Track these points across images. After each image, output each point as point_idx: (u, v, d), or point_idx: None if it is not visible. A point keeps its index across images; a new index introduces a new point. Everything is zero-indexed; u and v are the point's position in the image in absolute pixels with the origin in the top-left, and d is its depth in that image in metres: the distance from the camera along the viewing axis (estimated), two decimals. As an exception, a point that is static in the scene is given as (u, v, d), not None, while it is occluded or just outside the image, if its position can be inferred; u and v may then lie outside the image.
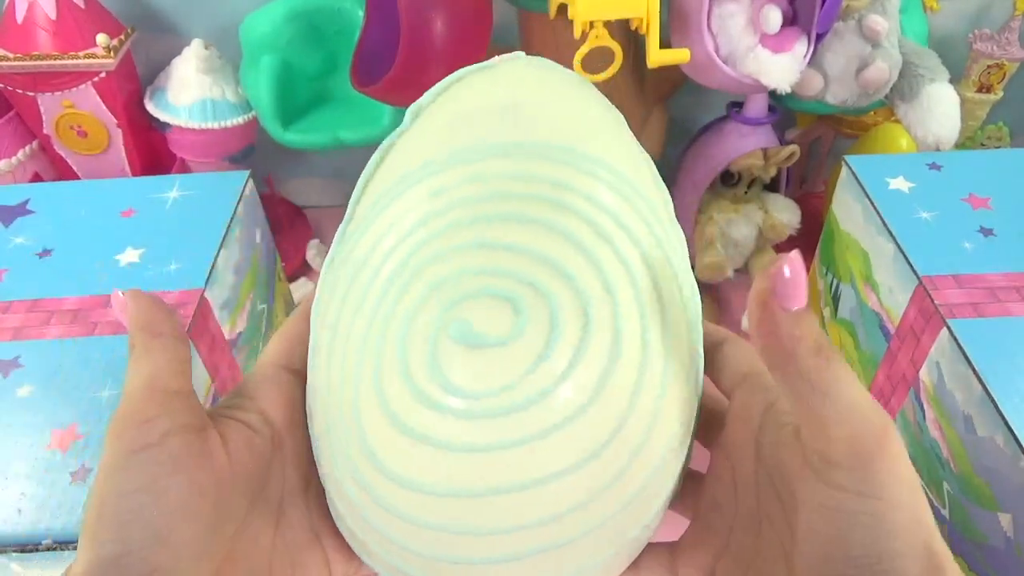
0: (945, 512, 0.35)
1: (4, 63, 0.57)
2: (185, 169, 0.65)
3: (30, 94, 0.59)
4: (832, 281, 0.49)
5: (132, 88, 0.62)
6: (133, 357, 0.21)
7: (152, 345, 0.21)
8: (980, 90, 0.63)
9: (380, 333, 0.21)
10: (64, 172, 0.65)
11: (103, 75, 0.58)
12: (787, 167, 0.60)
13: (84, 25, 0.57)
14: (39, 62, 0.57)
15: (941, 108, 0.51)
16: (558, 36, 0.50)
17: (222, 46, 0.62)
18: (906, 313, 0.38)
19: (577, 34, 0.46)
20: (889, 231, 0.40)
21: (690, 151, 0.62)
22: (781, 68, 0.49)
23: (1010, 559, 0.31)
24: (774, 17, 0.48)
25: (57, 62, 0.57)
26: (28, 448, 0.31)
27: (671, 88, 0.60)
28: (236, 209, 0.43)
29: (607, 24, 0.46)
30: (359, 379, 0.21)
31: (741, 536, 0.23)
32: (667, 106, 0.62)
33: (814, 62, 0.51)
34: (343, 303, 0.22)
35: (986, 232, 0.39)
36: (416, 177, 0.22)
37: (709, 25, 0.49)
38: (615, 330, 0.20)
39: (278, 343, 0.25)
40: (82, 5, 0.58)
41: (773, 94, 0.53)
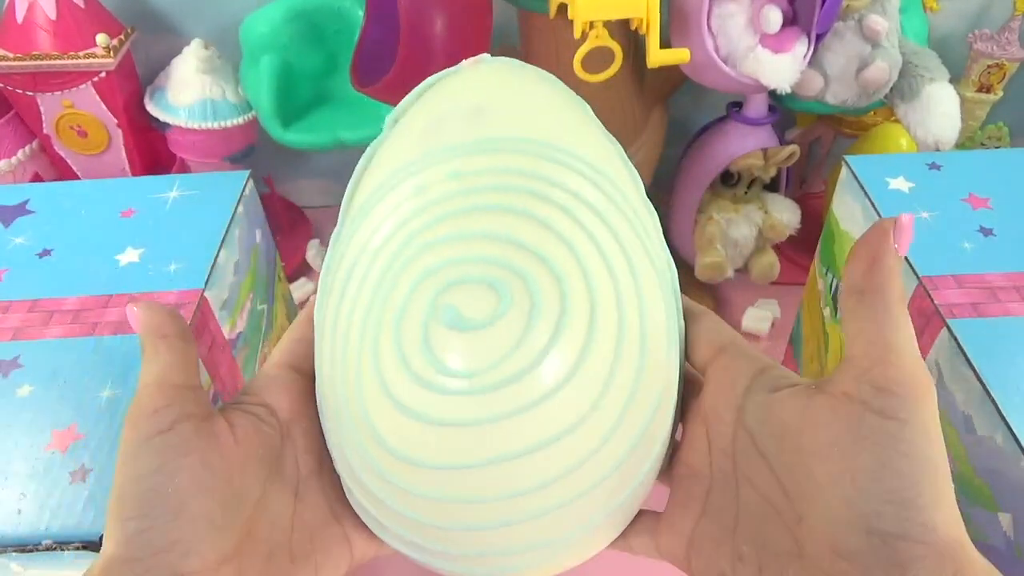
0: (945, 512, 0.35)
1: (4, 63, 0.57)
2: (185, 169, 0.65)
3: (30, 94, 0.59)
4: (832, 281, 0.49)
5: (132, 88, 0.62)
6: (144, 359, 0.23)
7: (159, 346, 0.23)
8: (980, 90, 0.63)
9: (376, 325, 0.23)
10: (64, 172, 0.65)
11: (103, 75, 0.58)
12: (787, 167, 0.60)
13: (84, 25, 0.57)
14: (39, 62, 0.57)
15: (941, 108, 0.51)
16: (558, 36, 0.50)
17: (222, 46, 0.62)
18: (906, 313, 0.38)
19: (577, 34, 0.46)
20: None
21: (690, 151, 0.62)
22: (781, 68, 0.49)
23: (1010, 559, 0.31)
24: (774, 17, 0.48)
25: (57, 62, 0.57)
26: (28, 448, 0.31)
27: (671, 88, 0.60)
28: (236, 209, 0.43)
29: (607, 24, 0.46)
30: (360, 370, 0.23)
31: (718, 499, 0.23)
32: (667, 106, 0.62)
33: (814, 62, 0.51)
34: (340, 301, 0.24)
35: (986, 232, 0.39)
36: (398, 178, 0.24)
37: (709, 25, 0.49)
38: (591, 305, 0.22)
39: (283, 346, 0.27)
40: (82, 5, 0.58)
41: (773, 94, 0.53)
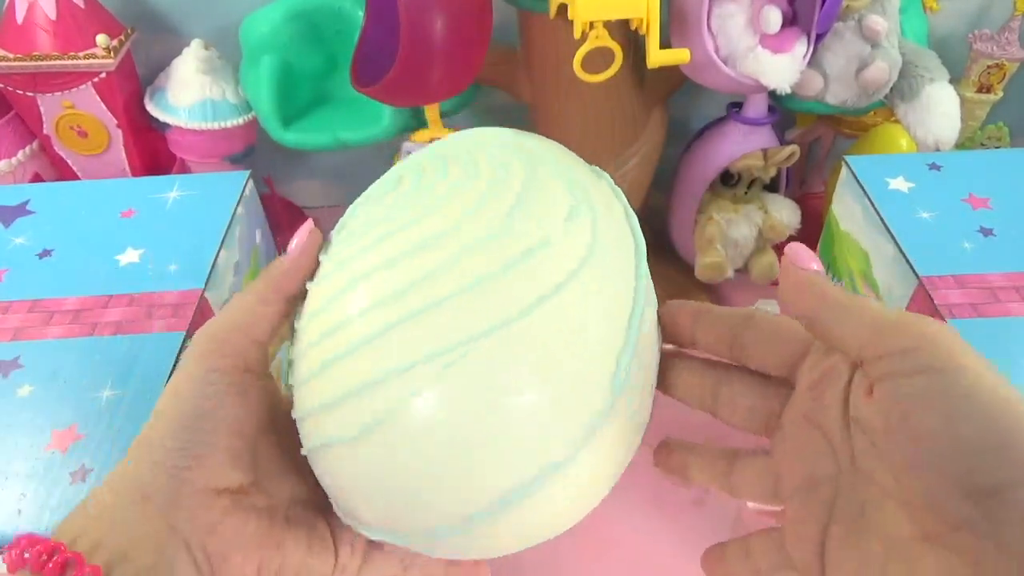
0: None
1: (4, 63, 0.57)
2: (185, 169, 0.65)
3: (30, 94, 0.59)
4: (832, 281, 0.49)
5: (132, 88, 0.62)
6: (262, 286, 0.26)
7: (271, 297, 0.25)
8: (980, 90, 0.63)
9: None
10: (64, 172, 0.65)
11: (103, 75, 0.58)
12: (787, 167, 0.60)
13: (84, 25, 0.57)
14: (39, 62, 0.57)
15: (941, 108, 0.51)
16: (558, 36, 0.50)
17: (222, 46, 0.62)
18: (906, 313, 0.38)
19: (577, 34, 0.46)
20: (889, 231, 0.40)
21: (690, 151, 0.62)
22: (781, 68, 0.49)
23: (1010, 559, 0.31)
24: (774, 17, 0.48)
25: (57, 62, 0.57)
26: (28, 448, 0.31)
27: (671, 88, 0.60)
28: (236, 209, 0.43)
29: (607, 24, 0.46)
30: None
31: (847, 498, 0.22)
32: (667, 106, 0.62)
33: (814, 62, 0.51)
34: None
35: (986, 232, 0.39)
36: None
37: (709, 25, 0.49)
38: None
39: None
40: (82, 5, 0.58)
41: (773, 94, 0.53)
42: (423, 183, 0.26)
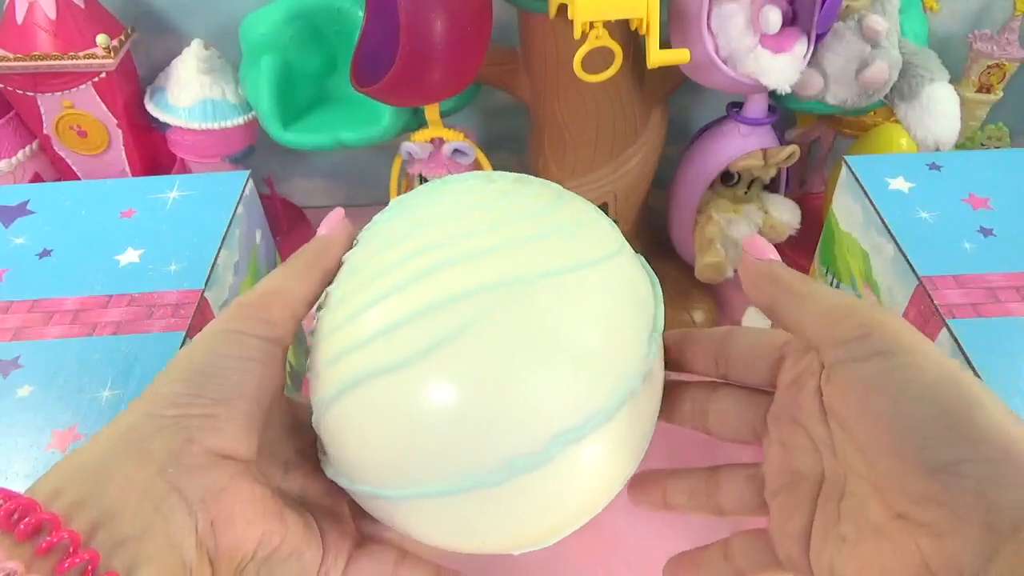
0: (945, 512, 0.35)
1: (4, 63, 0.57)
2: (185, 169, 0.65)
3: (30, 94, 0.59)
4: (832, 281, 0.49)
5: (132, 88, 0.62)
6: (299, 261, 0.25)
7: (313, 271, 0.25)
8: (980, 90, 0.63)
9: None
10: (64, 172, 0.65)
11: (103, 75, 0.58)
12: (787, 167, 0.60)
13: (84, 25, 0.57)
14: (39, 62, 0.57)
15: (941, 108, 0.51)
16: (558, 36, 0.50)
17: (222, 46, 0.62)
18: (906, 313, 0.38)
19: (577, 34, 0.46)
20: (889, 231, 0.40)
21: (690, 151, 0.62)
22: (781, 68, 0.49)
23: (1010, 559, 0.31)
24: (774, 17, 0.48)
25: (57, 62, 0.57)
26: (28, 448, 0.31)
27: (671, 88, 0.60)
28: (236, 209, 0.43)
29: (607, 24, 0.46)
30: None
31: (829, 489, 0.22)
32: (667, 106, 0.62)
33: (814, 62, 0.51)
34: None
35: (986, 232, 0.39)
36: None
37: (709, 25, 0.49)
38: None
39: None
40: (82, 5, 0.58)
41: (773, 94, 0.53)
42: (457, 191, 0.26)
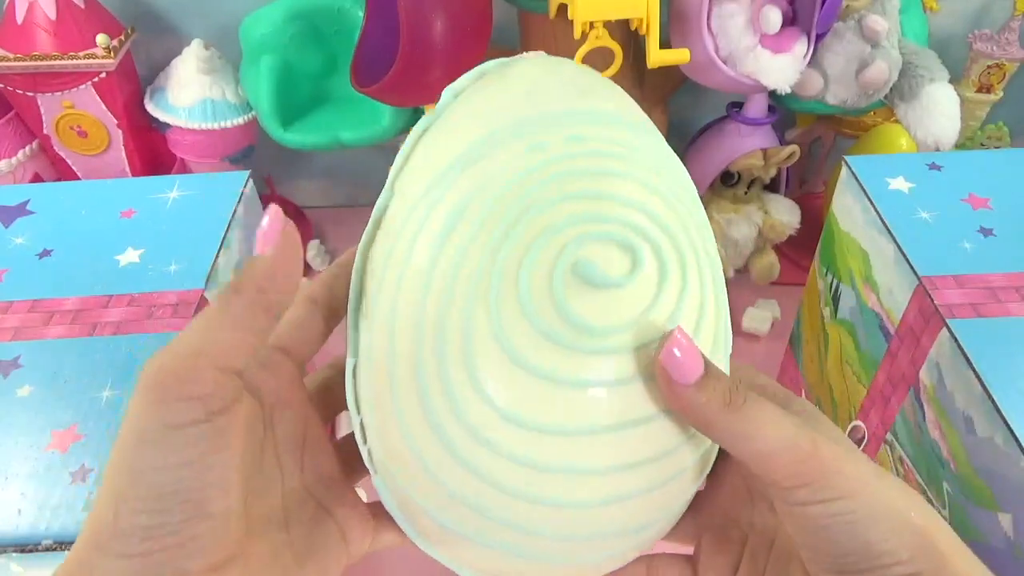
0: (945, 512, 0.35)
1: (4, 63, 0.57)
2: (185, 169, 0.65)
3: (30, 94, 0.59)
4: (832, 281, 0.49)
5: (132, 88, 0.62)
6: (218, 307, 0.19)
7: (253, 310, 0.20)
8: (980, 90, 0.63)
9: (498, 271, 0.21)
10: (64, 172, 0.65)
11: (103, 75, 0.58)
12: (787, 167, 0.60)
13: (84, 25, 0.57)
14: (39, 62, 0.57)
15: (941, 108, 0.51)
16: (558, 36, 0.50)
17: (222, 46, 0.62)
18: (906, 313, 0.38)
19: (577, 34, 0.46)
20: (889, 231, 0.40)
21: (690, 151, 0.62)
22: (781, 68, 0.49)
23: (1010, 559, 0.31)
24: (774, 17, 0.48)
25: (57, 62, 0.57)
26: (28, 448, 0.31)
27: (671, 88, 0.60)
28: (236, 209, 0.43)
29: (607, 24, 0.46)
30: (471, 312, 0.21)
31: (756, 546, 0.24)
32: (667, 106, 0.62)
33: (814, 62, 0.51)
34: (442, 244, 0.22)
35: (986, 232, 0.39)
36: (507, 134, 0.22)
37: (709, 25, 0.49)
38: (700, 277, 0.22)
39: (281, 327, 0.24)
40: (82, 5, 0.58)
41: (773, 94, 0.53)
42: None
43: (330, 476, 0.25)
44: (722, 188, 0.61)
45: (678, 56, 0.49)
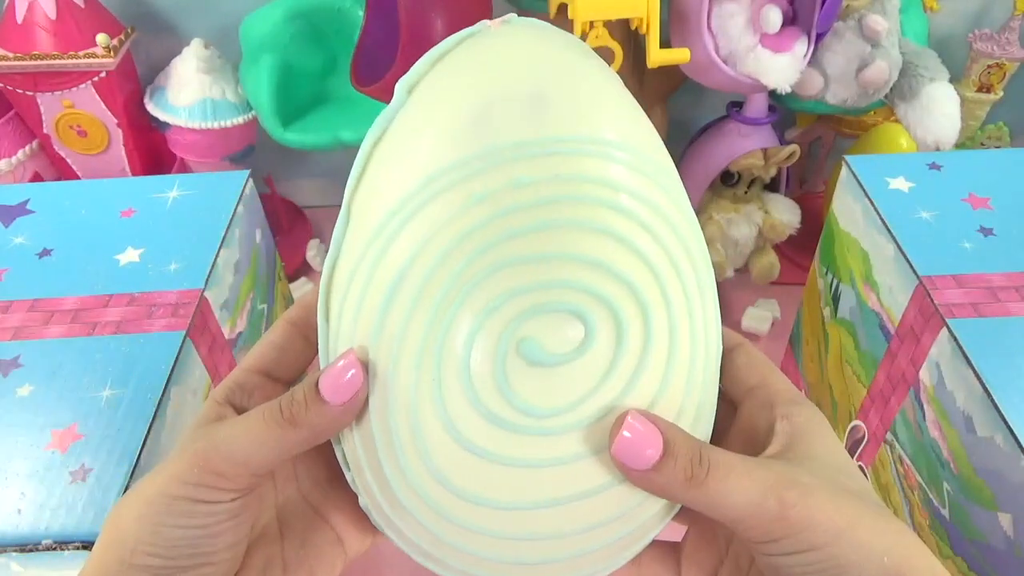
0: (945, 512, 0.35)
1: (4, 63, 0.57)
2: (185, 169, 0.65)
3: (30, 94, 0.59)
4: (832, 281, 0.49)
5: (132, 88, 0.62)
6: (275, 428, 0.20)
7: (295, 446, 0.21)
8: (980, 90, 0.63)
9: (438, 355, 0.20)
10: (64, 172, 0.65)
11: (103, 75, 0.58)
12: (787, 167, 0.60)
13: (84, 25, 0.57)
14: (39, 62, 0.57)
15: (941, 108, 0.51)
16: (558, 36, 0.50)
17: (222, 46, 0.62)
18: (906, 313, 0.38)
19: (577, 34, 0.46)
20: (889, 231, 0.40)
21: (690, 151, 0.62)
22: (781, 68, 0.49)
23: (1010, 559, 0.31)
24: (774, 17, 0.48)
25: (57, 62, 0.57)
26: (28, 448, 0.31)
27: (671, 88, 0.60)
28: (236, 209, 0.43)
29: (607, 24, 0.46)
30: (417, 403, 0.20)
31: (739, 552, 0.24)
32: (667, 106, 0.62)
33: (814, 62, 0.51)
34: (384, 316, 0.20)
35: (986, 232, 0.39)
36: (449, 179, 0.20)
37: (709, 25, 0.49)
38: (670, 341, 0.21)
39: (258, 351, 0.24)
40: (82, 5, 0.58)
41: (773, 94, 0.53)
42: None
43: (326, 479, 0.25)
44: (722, 188, 0.61)
45: (678, 56, 0.49)
